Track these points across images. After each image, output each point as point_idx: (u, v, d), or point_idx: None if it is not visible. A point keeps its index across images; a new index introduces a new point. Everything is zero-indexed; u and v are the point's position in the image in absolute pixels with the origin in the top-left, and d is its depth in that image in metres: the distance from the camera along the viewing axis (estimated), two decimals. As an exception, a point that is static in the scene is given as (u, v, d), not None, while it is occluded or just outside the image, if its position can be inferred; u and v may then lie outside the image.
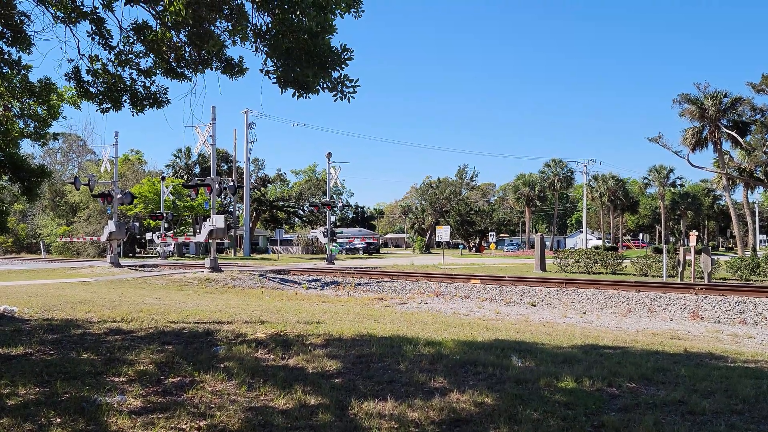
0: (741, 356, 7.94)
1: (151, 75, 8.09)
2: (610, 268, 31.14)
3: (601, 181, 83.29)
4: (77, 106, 11.35)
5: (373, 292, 19.35)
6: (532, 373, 6.27)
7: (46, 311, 11.42)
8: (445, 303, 16.32)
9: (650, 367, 6.66)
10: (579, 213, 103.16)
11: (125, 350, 7.49)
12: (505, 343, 8.09)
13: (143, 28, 7.60)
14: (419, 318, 11.60)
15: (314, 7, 6.31)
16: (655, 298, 15.45)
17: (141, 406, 5.23)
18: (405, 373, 6.32)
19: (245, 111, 55.38)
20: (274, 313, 11.55)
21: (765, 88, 45.64)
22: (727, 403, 5.24)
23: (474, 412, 5.04)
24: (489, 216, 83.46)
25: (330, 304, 14.66)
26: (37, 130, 11.78)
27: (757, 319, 13.15)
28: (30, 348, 7.75)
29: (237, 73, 7.56)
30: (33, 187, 12.16)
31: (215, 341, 8.20)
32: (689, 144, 52.06)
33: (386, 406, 5.17)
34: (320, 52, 6.49)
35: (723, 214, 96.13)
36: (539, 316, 13.43)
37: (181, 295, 16.18)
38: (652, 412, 5.03)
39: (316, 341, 8.05)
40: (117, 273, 25.48)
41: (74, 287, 17.82)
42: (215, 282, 20.75)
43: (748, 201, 60.15)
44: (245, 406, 5.23)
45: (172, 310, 11.74)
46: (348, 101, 6.86)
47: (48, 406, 5.09)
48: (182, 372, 6.41)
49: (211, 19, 6.76)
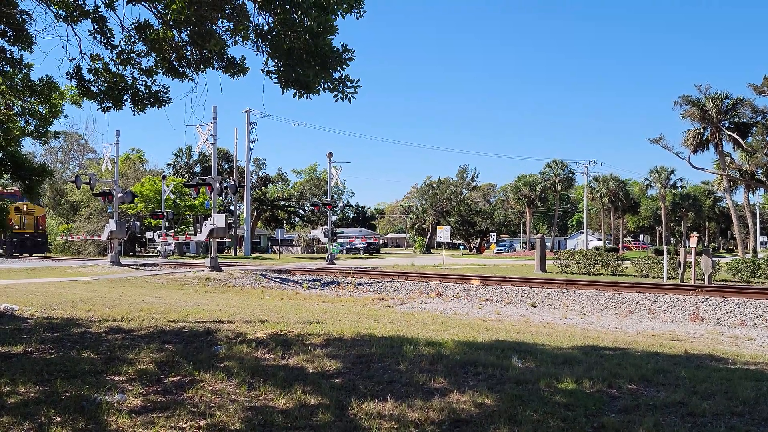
0: (741, 358, 7.93)
1: (152, 74, 8.10)
2: (611, 269, 31.13)
3: (602, 182, 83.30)
4: (78, 104, 11.36)
5: (373, 292, 19.35)
6: (532, 373, 6.27)
7: (47, 310, 11.43)
8: (446, 303, 16.32)
9: (650, 368, 6.65)
10: (580, 214, 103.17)
11: (125, 349, 7.49)
12: (506, 344, 8.09)
13: (145, 27, 7.61)
14: (419, 318, 11.60)
15: (316, 7, 6.31)
16: (655, 300, 15.45)
17: (141, 405, 5.23)
18: (405, 374, 6.32)
19: (246, 110, 55.40)
20: (274, 312, 11.55)
21: (766, 90, 45.61)
22: (728, 405, 5.23)
23: (474, 413, 5.04)
24: (490, 216, 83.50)
25: (330, 303, 14.67)
26: (38, 128, 11.79)
27: (757, 321, 13.14)
28: (30, 346, 7.75)
29: (238, 72, 7.57)
30: (34, 185, 12.16)
31: (215, 340, 8.20)
32: (690, 145, 52.02)
33: (386, 406, 5.17)
34: (321, 52, 6.49)
35: (724, 215, 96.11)
36: (539, 316, 13.43)
37: (182, 294, 16.19)
38: (653, 413, 5.03)
39: (317, 341, 8.05)
40: (117, 272, 25.50)
41: (75, 286, 17.83)
42: (216, 281, 20.76)
43: (749, 203, 60.12)
44: (245, 406, 5.23)
45: (173, 309, 11.75)
46: (349, 101, 6.86)
47: (48, 404, 5.09)
48: (182, 371, 6.41)
49: (213, 18, 6.76)
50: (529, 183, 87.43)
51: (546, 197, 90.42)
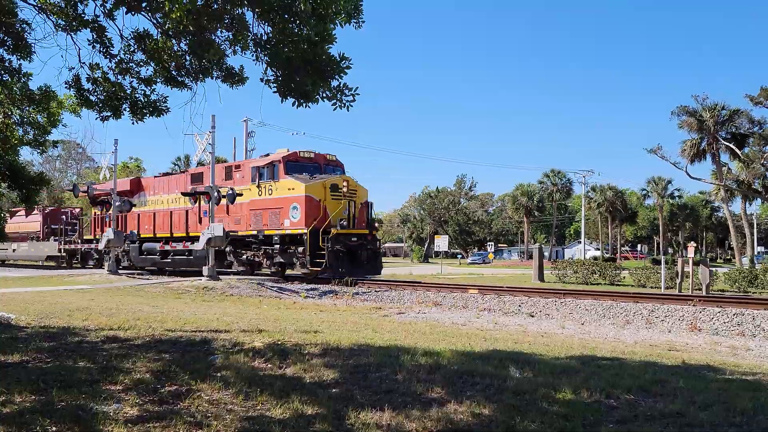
0: (739, 368, 7.92)
1: (151, 83, 8.12)
2: (609, 278, 31.13)
3: (600, 191, 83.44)
4: (77, 113, 11.37)
5: (371, 302, 19.31)
6: (530, 383, 6.26)
7: (43, 319, 11.39)
8: (444, 313, 16.29)
9: (648, 378, 6.64)
10: (577, 223, 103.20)
11: (122, 358, 7.46)
12: (503, 354, 8.07)
13: (144, 37, 7.64)
14: (417, 328, 11.57)
15: (314, 17, 6.35)
16: (653, 310, 15.44)
17: (137, 414, 5.21)
18: (403, 383, 6.30)
19: (245, 119, 55.44)
20: (271, 321, 11.52)
21: (763, 101, 45.87)
22: (726, 416, 5.23)
23: (472, 423, 5.02)
24: (488, 226, 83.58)
25: (328, 313, 14.63)
26: (36, 137, 11.80)
27: (755, 331, 13.14)
28: (26, 355, 7.71)
29: (237, 82, 7.59)
30: (32, 194, 12.16)
31: (212, 350, 8.17)
32: (688, 156, 52.25)
33: (384, 416, 5.15)
34: (319, 61, 6.53)
35: (721, 225, 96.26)
36: (537, 326, 13.41)
37: (179, 304, 16.15)
38: (650, 424, 5.02)
39: (314, 350, 8.03)
40: (115, 280, 25.42)
41: (72, 295, 17.77)
42: (213, 290, 20.70)
43: (746, 213, 60.29)
44: (242, 416, 5.21)
45: (170, 318, 11.71)
46: (347, 110, 6.89)
47: (44, 414, 5.06)
48: (179, 381, 6.39)
49: (212, 28, 6.79)
50: (526, 192, 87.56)
51: (544, 207, 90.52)
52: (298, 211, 23.06)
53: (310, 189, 23.09)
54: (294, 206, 23.23)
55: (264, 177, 24.48)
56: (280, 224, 23.68)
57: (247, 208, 25.17)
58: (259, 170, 24.81)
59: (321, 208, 23.01)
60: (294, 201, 23.27)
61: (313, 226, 22.48)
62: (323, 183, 23.53)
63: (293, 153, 24.49)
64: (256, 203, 24.82)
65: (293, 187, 23.39)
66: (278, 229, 23.79)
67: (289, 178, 23.60)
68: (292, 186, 23.45)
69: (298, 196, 23.12)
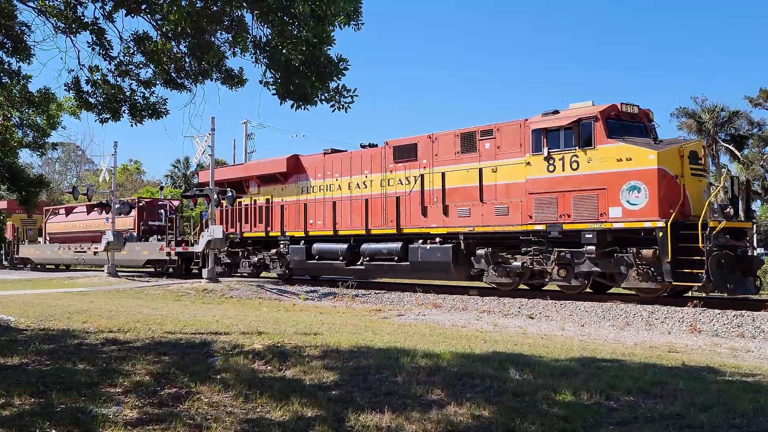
0: (739, 370, 7.92)
1: (150, 86, 8.13)
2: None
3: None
4: (77, 116, 11.41)
5: (371, 304, 19.29)
6: (529, 385, 6.25)
7: (43, 321, 11.38)
8: (443, 315, 16.27)
9: (648, 380, 6.63)
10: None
11: (121, 361, 7.46)
12: (503, 356, 8.06)
13: (143, 39, 7.65)
14: (417, 330, 11.56)
15: (313, 18, 6.35)
16: (653, 311, 15.42)
17: (137, 417, 5.20)
18: (402, 385, 6.29)
19: (244, 122, 55.48)
20: (271, 324, 11.51)
21: (762, 102, 45.93)
22: (726, 418, 5.22)
23: (471, 425, 5.02)
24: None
25: (328, 315, 14.62)
26: (36, 139, 11.83)
27: (755, 333, 13.12)
28: (26, 358, 7.71)
29: (236, 84, 7.60)
30: (31, 196, 12.18)
31: (212, 352, 8.17)
32: (687, 157, 52.17)
33: (383, 418, 5.15)
34: (318, 62, 6.53)
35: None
36: (537, 328, 13.40)
37: (179, 306, 16.14)
38: (651, 425, 5.01)
39: (314, 352, 8.02)
40: (114, 283, 25.40)
41: (71, 297, 17.75)
42: (213, 292, 20.69)
43: (745, 214, 60.18)
44: (241, 418, 5.20)
45: (169, 320, 11.70)
46: (345, 111, 6.90)
47: (43, 416, 5.06)
48: (178, 383, 6.38)
49: (212, 30, 6.80)
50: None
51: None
52: (641, 193, 15.21)
53: (664, 158, 14.96)
54: (632, 185, 15.30)
55: (561, 143, 16.33)
56: (598, 214, 15.83)
57: (520, 190, 17.17)
58: (549, 133, 16.37)
59: (680, 189, 15.24)
60: (632, 177, 15.31)
61: (673, 217, 14.40)
62: (680, 149, 15.41)
63: (613, 106, 16.08)
64: (542, 184, 16.71)
65: (631, 156, 15.32)
66: (593, 221, 15.82)
67: (618, 143, 15.52)
68: (628, 154, 15.35)
69: (644, 170, 15.03)
